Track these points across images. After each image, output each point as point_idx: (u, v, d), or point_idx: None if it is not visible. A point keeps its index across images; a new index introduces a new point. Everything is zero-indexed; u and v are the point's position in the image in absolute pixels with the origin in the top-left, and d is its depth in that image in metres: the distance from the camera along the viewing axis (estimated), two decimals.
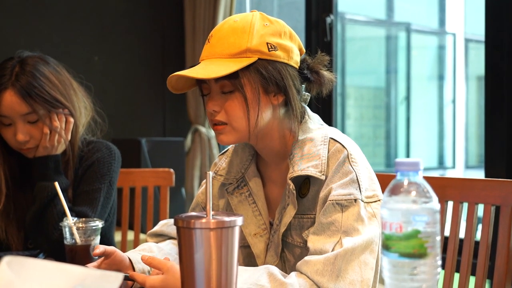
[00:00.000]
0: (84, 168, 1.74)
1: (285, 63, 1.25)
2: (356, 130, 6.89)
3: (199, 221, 0.91)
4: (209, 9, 3.45)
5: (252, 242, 1.33)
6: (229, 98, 1.23)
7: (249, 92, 1.22)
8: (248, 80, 1.22)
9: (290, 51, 1.26)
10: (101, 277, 0.79)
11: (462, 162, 7.54)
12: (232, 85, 1.22)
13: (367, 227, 1.16)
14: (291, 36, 1.28)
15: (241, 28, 1.23)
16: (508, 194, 1.38)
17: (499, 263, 1.37)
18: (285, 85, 1.24)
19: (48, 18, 3.42)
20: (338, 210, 1.17)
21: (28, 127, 1.66)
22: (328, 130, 1.29)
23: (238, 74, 1.21)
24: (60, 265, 0.80)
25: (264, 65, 1.22)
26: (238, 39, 1.22)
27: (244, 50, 1.22)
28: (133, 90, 3.68)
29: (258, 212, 1.34)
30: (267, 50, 1.22)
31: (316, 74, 1.30)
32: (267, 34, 1.24)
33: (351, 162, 1.21)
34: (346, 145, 1.24)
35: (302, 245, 1.27)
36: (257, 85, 1.22)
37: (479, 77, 7.17)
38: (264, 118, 1.26)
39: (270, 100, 1.26)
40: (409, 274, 0.81)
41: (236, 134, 1.25)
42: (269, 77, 1.22)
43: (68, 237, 1.40)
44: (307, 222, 1.26)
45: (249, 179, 1.35)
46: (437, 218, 0.81)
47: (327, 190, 1.20)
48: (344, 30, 6.45)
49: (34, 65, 1.66)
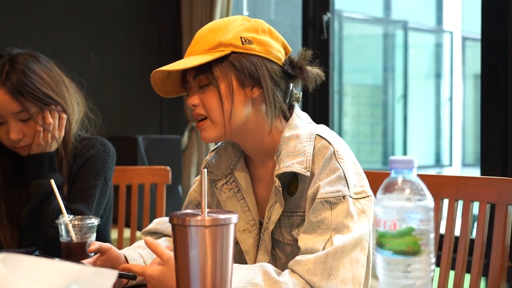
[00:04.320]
0: (78, 165, 1.74)
1: (261, 57, 1.27)
2: (353, 128, 6.90)
3: (194, 219, 0.91)
4: (206, 6, 3.45)
5: (240, 238, 1.33)
6: (205, 92, 1.27)
7: (222, 84, 1.25)
8: (221, 72, 1.25)
9: (267, 45, 1.28)
10: (95, 274, 0.79)
11: (459, 160, 7.56)
12: (207, 78, 1.26)
13: (357, 223, 1.16)
14: (270, 33, 1.30)
15: (217, 27, 1.28)
16: (503, 192, 1.38)
17: (494, 260, 1.38)
18: (258, 76, 1.26)
19: (44, 15, 3.41)
20: (327, 207, 1.17)
21: (20, 125, 1.65)
22: (315, 127, 1.29)
23: (212, 67, 1.25)
24: (55, 262, 0.80)
25: (237, 57, 1.26)
26: (213, 36, 1.27)
27: (217, 44, 1.26)
28: (130, 88, 3.68)
29: (247, 208, 1.34)
30: (241, 44, 1.26)
31: (299, 69, 1.31)
32: (243, 30, 1.27)
33: (338, 159, 1.21)
34: (332, 141, 1.23)
35: (292, 243, 1.27)
36: (231, 77, 1.25)
37: (476, 75, 7.18)
38: (242, 112, 1.27)
39: (247, 93, 1.27)
40: (403, 272, 0.81)
41: (216, 129, 1.27)
42: (242, 68, 1.25)
43: (64, 235, 1.40)
44: (296, 219, 1.26)
45: (238, 175, 1.36)
46: (431, 216, 0.82)
47: (315, 187, 1.20)
48: (341, 28, 6.46)
49: (25, 62, 1.65)
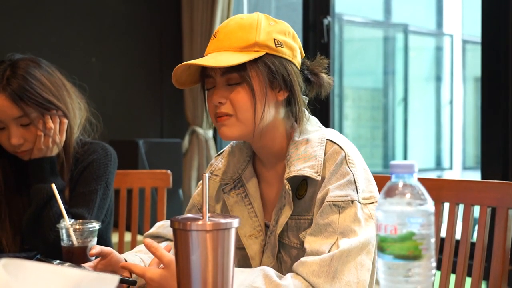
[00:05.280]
0: (80, 170, 1.74)
1: (290, 61, 1.27)
2: (353, 131, 6.90)
3: (195, 223, 0.92)
4: (207, 11, 3.45)
5: (247, 244, 1.33)
6: (235, 90, 1.25)
7: (256, 85, 1.24)
8: (256, 72, 1.24)
9: (294, 50, 1.29)
10: (97, 279, 0.79)
11: (460, 163, 7.55)
12: (240, 77, 1.24)
13: (364, 228, 1.17)
14: (294, 37, 1.31)
15: (248, 24, 1.26)
16: (504, 196, 1.38)
17: (495, 264, 1.38)
18: (291, 80, 1.26)
19: (45, 19, 3.42)
20: (335, 211, 1.17)
21: (21, 130, 1.65)
22: (326, 132, 1.29)
23: (246, 66, 1.23)
24: (57, 267, 0.80)
25: (271, 59, 1.25)
26: (246, 34, 1.25)
27: (252, 44, 1.24)
28: (130, 92, 3.68)
29: (254, 214, 1.34)
30: (274, 46, 1.25)
31: (315, 75, 1.33)
32: (274, 31, 1.27)
33: (349, 164, 1.22)
34: (344, 146, 1.24)
35: (298, 246, 1.27)
36: (265, 78, 1.24)
37: (477, 78, 7.18)
38: (270, 113, 1.27)
39: (275, 96, 1.27)
40: (404, 276, 0.81)
41: (240, 127, 1.26)
42: (276, 71, 1.25)
43: (65, 239, 1.40)
44: (304, 223, 1.26)
45: (246, 180, 1.36)
46: (431, 220, 0.82)
47: (324, 191, 1.21)
48: (342, 32, 6.46)
49: (25, 68, 1.66)
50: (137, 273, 1.15)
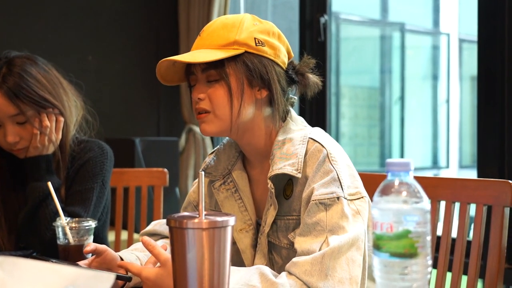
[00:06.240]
0: (76, 168, 1.74)
1: (271, 60, 1.28)
2: (350, 130, 6.90)
3: (191, 221, 0.92)
4: (203, 8, 3.45)
5: (237, 238, 1.34)
6: (214, 87, 1.27)
7: (233, 82, 1.26)
8: (233, 70, 1.26)
9: (277, 50, 1.30)
10: (93, 277, 0.79)
11: (456, 162, 7.56)
12: (218, 74, 1.26)
13: (352, 224, 1.17)
14: (279, 37, 1.32)
15: (231, 24, 1.28)
16: (500, 194, 1.38)
17: (491, 262, 1.38)
18: (269, 78, 1.27)
19: (42, 17, 3.41)
20: (322, 209, 1.18)
21: (17, 128, 1.65)
22: (309, 131, 1.30)
23: (224, 63, 1.25)
24: (52, 265, 0.80)
25: (250, 58, 1.27)
26: (227, 32, 1.27)
27: (232, 42, 1.26)
28: (127, 90, 3.68)
29: (244, 208, 1.35)
30: (254, 45, 1.27)
31: (301, 76, 1.34)
32: (256, 31, 1.28)
33: (331, 161, 1.22)
34: (325, 144, 1.25)
35: (288, 247, 1.27)
36: (242, 76, 1.26)
37: (473, 77, 7.18)
38: (247, 111, 1.28)
39: (254, 94, 1.28)
40: (400, 274, 0.81)
41: (218, 123, 1.28)
42: (254, 69, 1.26)
43: (61, 237, 1.40)
44: (292, 223, 1.27)
45: (235, 175, 1.37)
46: (427, 218, 0.82)
47: (309, 190, 1.21)
48: (339, 30, 6.46)
49: (22, 65, 1.65)
50: (133, 272, 1.15)
